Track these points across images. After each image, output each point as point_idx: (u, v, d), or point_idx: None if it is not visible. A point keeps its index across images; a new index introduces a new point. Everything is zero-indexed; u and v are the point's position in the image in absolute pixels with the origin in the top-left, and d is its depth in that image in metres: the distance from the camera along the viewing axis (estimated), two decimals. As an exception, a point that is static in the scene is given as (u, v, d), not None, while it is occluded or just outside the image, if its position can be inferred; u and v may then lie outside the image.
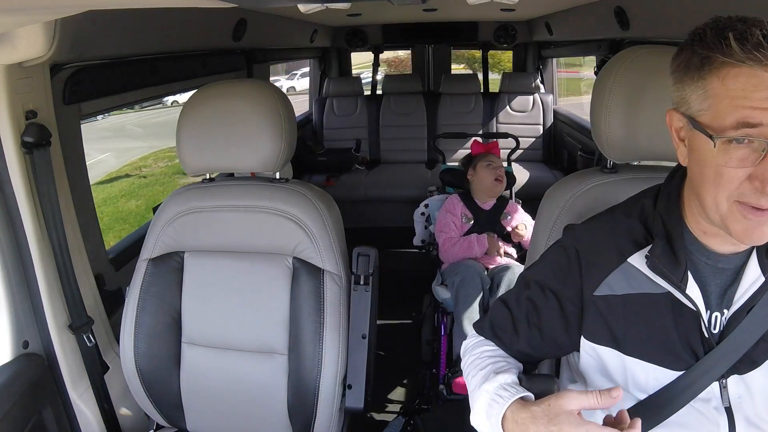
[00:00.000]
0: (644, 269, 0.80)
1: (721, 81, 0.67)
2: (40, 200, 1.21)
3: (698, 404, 0.80)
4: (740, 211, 0.69)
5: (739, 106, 0.65)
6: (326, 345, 1.18)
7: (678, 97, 0.73)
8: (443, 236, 2.21)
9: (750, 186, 0.67)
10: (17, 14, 0.86)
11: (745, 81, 0.65)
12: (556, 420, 0.70)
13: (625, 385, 0.84)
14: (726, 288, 0.79)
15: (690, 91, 0.70)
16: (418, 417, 2.02)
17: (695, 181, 0.73)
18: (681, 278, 0.78)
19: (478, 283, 1.99)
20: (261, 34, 2.44)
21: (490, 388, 0.79)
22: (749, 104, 0.65)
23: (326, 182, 3.67)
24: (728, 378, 0.79)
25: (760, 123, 0.64)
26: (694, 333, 0.79)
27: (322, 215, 1.21)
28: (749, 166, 0.66)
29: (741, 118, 0.65)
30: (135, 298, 1.25)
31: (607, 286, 0.82)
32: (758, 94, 0.64)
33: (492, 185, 2.24)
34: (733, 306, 0.79)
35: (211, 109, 1.21)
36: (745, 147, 0.66)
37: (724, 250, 0.78)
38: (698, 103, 0.70)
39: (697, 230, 0.79)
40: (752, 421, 0.80)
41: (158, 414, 1.30)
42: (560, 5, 2.61)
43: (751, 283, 0.78)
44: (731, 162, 0.67)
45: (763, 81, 0.64)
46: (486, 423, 0.78)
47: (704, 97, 0.69)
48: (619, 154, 1.03)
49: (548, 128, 4.06)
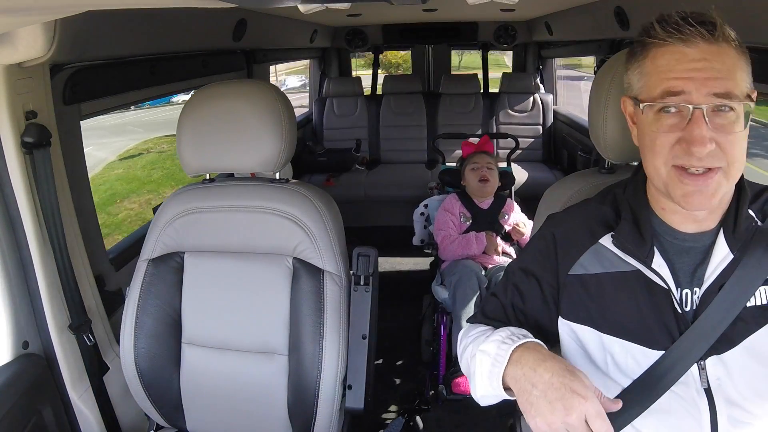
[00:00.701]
0: (614, 249, 0.85)
1: (651, 60, 0.77)
2: (40, 200, 1.21)
3: (678, 388, 0.81)
4: (677, 176, 0.76)
5: (664, 79, 0.75)
6: (326, 345, 1.18)
7: (626, 83, 0.83)
8: (441, 234, 2.22)
9: (680, 149, 0.75)
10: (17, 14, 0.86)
11: (670, 57, 0.74)
12: (574, 373, 0.71)
13: (605, 367, 0.86)
14: (696, 266, 0.83)
15: (632, 75, 0.81)
16: (418, 417, 2.02)
17: (642, 154, 0.82)
18: (647, 254, 0.82)
19: (474, 282, 1.99)
20: (261, 34, 2.45)
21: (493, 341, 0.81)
22: (672, 75, 0.74)
23: (326, 182, 3.67)
24: (707, 360, 0.80)
25: (681, 91, 0.73)
26: (668, 310, 0.82)
27: (322, 215, 1.22)
28: (678, 132, 0.75)
29: (666, 88, 0.74)
30: (135, 299, 1.25)
31: (581, 266, 0.87)
32: (680, 66, 0.73)
33: (478, 187, 2.26)
34: (704, 284, 0.81)
35: (211, 109, 1.21)
36: (674, 115, 0.75)
37: (689, 228, 0.83)
38: (637, 83, 0.80)
39: (659, 210, 0.84)
40: (734, 401, 0.80)
41: (158, 414, 1.30)
42: (560, 5, 2.61)
43: (720, 261, 0.81)
44: (662, 128, 0.76)
45: (685, 56, 0.73)
46: (487, 380, 0.79)
47: (640, 76, 0.79)
48: (616, 155, 1.03)
49: (548, 128, 4.06)
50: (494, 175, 2.27)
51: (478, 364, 0.81)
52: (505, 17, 3.68)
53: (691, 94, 0.73)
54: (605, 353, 0.85)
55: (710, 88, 0.72)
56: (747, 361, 0.80)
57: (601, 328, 0.85)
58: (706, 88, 0.72)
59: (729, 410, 0.80)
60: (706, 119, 0.72)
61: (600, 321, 0.85)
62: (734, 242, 0.81)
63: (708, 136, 0.72)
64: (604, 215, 0.89)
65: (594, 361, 0.87)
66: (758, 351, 0.80)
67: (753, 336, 0.80)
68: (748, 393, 0.80)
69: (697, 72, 0.72)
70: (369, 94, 4.32)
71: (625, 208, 0.87)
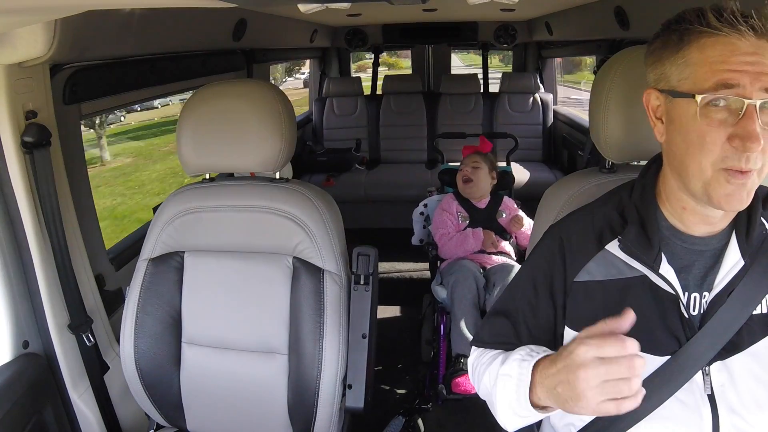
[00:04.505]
0: (621, 255, 0.83)
1: (699, 50, 0.72)
2: (40, 200, 1.21)
3: (681, 394, 0.80)
4: (725, 176, 0.71)
5: (717, 70, 0.70)
6: (326, 345, 1.18)
7: (656, 75, 0.78)
8: (440, 232, 2.22)
9: (731, 148, 0.70)
10: (17, 14, 0.86)
11: (722, 48, 0.70)
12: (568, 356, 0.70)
13: None
14: (707, 271, 0.81)
15: (669, 65, 0.75)
16: (418, 417, 2.02)
17: (678, 151, 0.76)
18: (654, 259, 0.80)
19: (472, 282, 1.99)
20: (261, 34, 2.45)
21: (513, 360, 0.80)
22: (727, 67, 0.70)
23: (326, 182, 3.67)
24: (712, 366, 0.80)
25: (737, 84, 0.69)
26: (674, 315, 0.80)
27: (322, 215, 1.22)
28: (729, 127, 0.70)
29: (720, 81, 0.70)
30: (135, 298, 1.25)
31: (587, 273, 0.86)
32: (735, 59, 0.69)
33: (462, 187, 2.27)
34: (714, 289, 0.80)
35: (211, 109, 1.21)
36: (724, 109, 0.70)
37: (700, 231, 0.81)
38: (678, 74, 0.74)
39: (677, 210, 0.81)
40: (735, 410, 0.80)
41: (158, 414, 1.30)
42: (560, 5, 2.61)
43: (732, 267, 0.80)
44: (712, 123, 0.71)
45: (739, 48, 0.69)
46: (515, 403, 0.78)
47: (684, 67, 0.73)
48: (617, 154, 1.03)
49: (548, 128, 4.06)
50: (479, 175, 2.24)
51: (500, 389, 0.80)
52: (505, 17, 3.68)
53: (746, 88, 0.69)
54: None
55: (763, 82, 0.69)
56: (751, 368, 0.79)
57: None
58: (759, 83, 0.69)
59: (731, 417, 0.80)
60: (758, 114, 0.69)
61: None
62: (746, 248, 0.79)
63: (760, 133, 0.69)
64: (610, 221, 0.87)
65: None
66: (763, 358, 0.79)
67: (759, 344, 0.79)
68: (749, 400, 0.80)
69: (750, 66, 0.69)
70: (369, 94, 4.32)
71: (631, 211, 0.84)
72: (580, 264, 0.86)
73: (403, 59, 7.92)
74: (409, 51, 4.75)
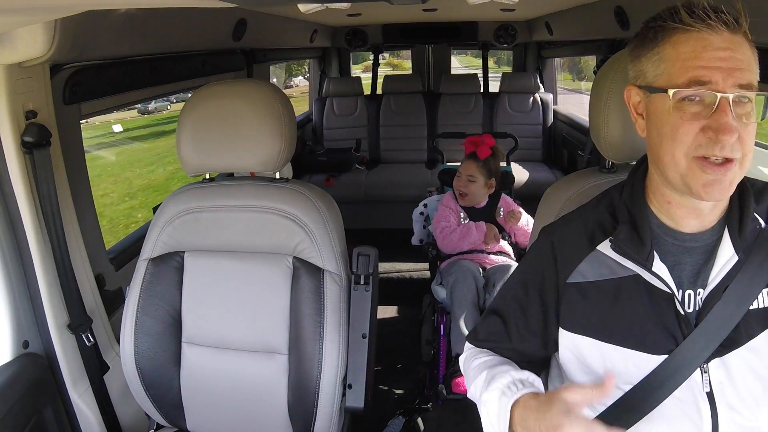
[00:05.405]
0: (613, 255, 0.83)
1: (673, 46, 0.73)
2: (40, 200, 1.21)
3: (680, 392, 0.80)
4: (699, 166, 0.73)
5: (690, 67, 0.72)
6: (326, 345, 1.18)
7: (635, 72, 0.80)
8: (441, 225, 2.20)
9: (704, 138, 0.72)
10: (17, 14, 0.86)
11: (695, 44, 0.71)
12: (551, 405, 0.73)
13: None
14: (700, 267, 0.81)
15: (645, 61, 0.77)
16: (418, 417, 2.02)
17: (654, 144, 0.78)
18: (646, 257, 0.80)
19: (471, 282, 1.99)
20: (261, 34, 2.45)
21: (494, 390, 0.84)
22: (699, 64, 0.71)
23: (326, 182, 3.67)
24: (710, 363, 0.79)
25: (709, 81, 0.71)
26: (669, 313, 0.80)
27: (322, 215, 1.22)
28: (703, 119, 0.72)
29: (692, 77, 0.71)
30: (135, 298, 1.25)
31: (579, 274, 0.86)
32: (707, 54, 0.71)
33: (458, 196, 2.26)
34: (709, 285, 0.80)
35: (211, 109, 1.21)
36: (698, 104, 0.72)
37: (690, 227, 0.81)
38: (653, 70, 0.76)
39: (663, 205, 0.82)
40: (734, 407, 0.79)
41: (158, 414, 1.30)
42: (560, 5, 2.61)
43: (725, 262, 0.80)
44: (685, 116, 0.72)
45: (711, 43, 0.71)
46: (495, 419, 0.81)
47: (659, 63, 0.75)
48: (617, 154, 1.03)
49: (548, 128, 4.06)
50: (473, 188, 2.21)
51: (484, 415, 0.85)
52: (505, 17, 3.68)
53: (718, 84, 0.70)
54: (605, 363, 0.84)
55: (735, 78, 0.70)
56: (750, 364, 0.79)
57: (600, 337, 0.83)
58: (732, 78, 0.70)
59: (730, 414, 0.79)
60: (731, 107, 0.70)
61: (598, 330, 0.83)
62: (740, 244, 0.79)
63: (734, 125, 0.70)
64: (601, 221, 0.87)
65: (594, 372, 0.85)
66: (762, 353, 0.79)
67: (757, 338, 0.79)
68: (747, 396, 0.79)
69: (723, 61, 0.70)
70: (369, 94, 4.32)
71: (622, 211, 0.85)
72: (572, 265, 0.86)
73: (407, 60, 7.93)
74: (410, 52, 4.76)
